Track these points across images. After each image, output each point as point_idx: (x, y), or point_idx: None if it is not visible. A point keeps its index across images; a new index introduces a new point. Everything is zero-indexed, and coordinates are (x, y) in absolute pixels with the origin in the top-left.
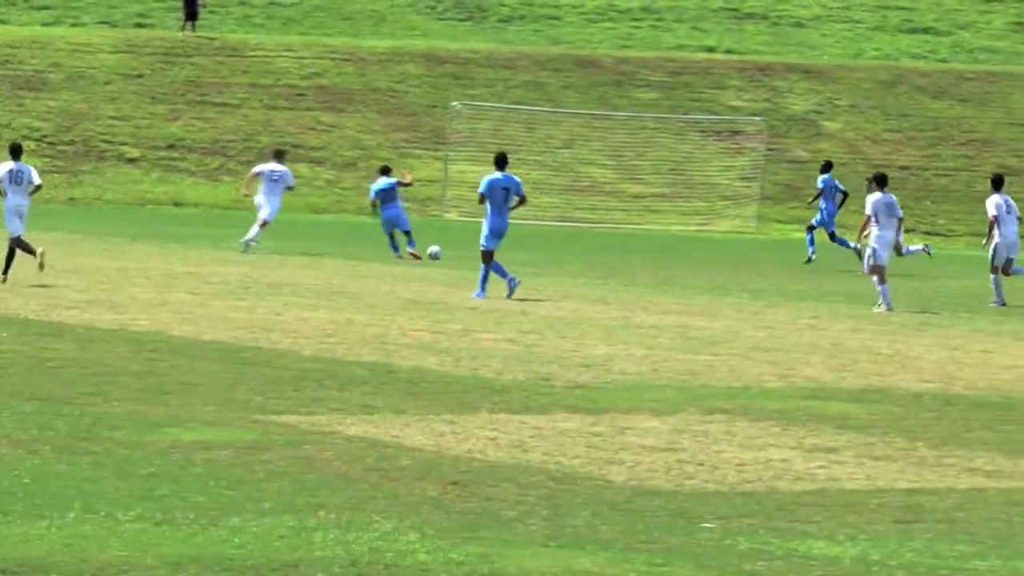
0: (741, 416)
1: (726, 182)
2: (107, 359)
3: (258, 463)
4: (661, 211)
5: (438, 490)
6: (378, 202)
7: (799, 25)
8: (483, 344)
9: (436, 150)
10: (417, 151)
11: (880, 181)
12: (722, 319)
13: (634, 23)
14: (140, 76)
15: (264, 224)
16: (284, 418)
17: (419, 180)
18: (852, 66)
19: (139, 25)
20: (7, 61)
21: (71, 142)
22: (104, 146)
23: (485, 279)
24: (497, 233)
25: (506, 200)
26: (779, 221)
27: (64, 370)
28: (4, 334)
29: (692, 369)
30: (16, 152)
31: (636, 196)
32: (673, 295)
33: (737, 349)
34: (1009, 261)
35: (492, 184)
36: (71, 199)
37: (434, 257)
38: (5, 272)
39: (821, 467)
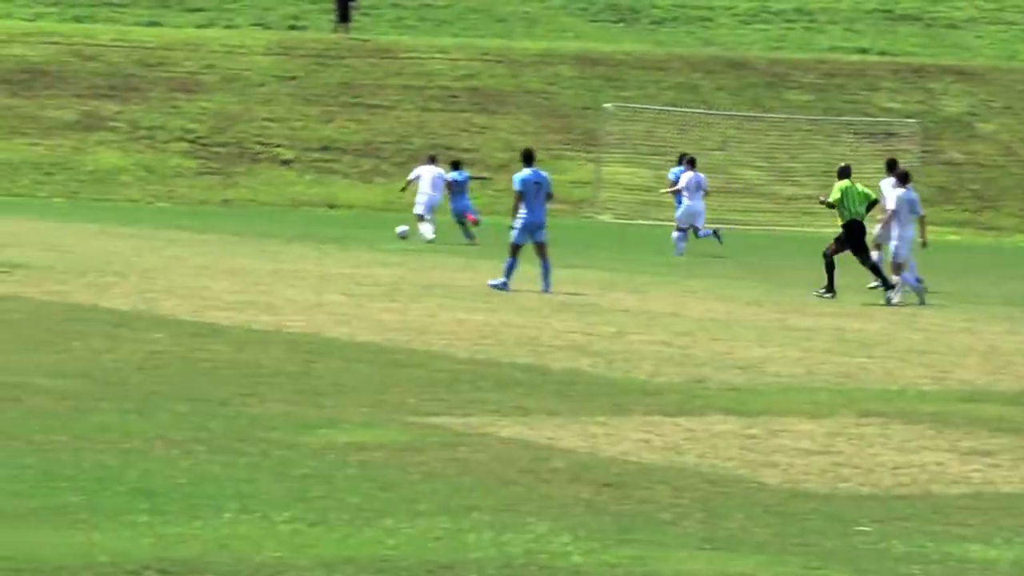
0: (896, 419)
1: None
2: (262, 360)
3: (412, 465)
4: (814, 213)
5: (592, 492)
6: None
7: (953, 27)
8: (636, 346)
9: (588, 152)
10: (569, 153)
11: (902, 177)
12: (877, 322)
13: (787, 25)
14: (294, 78)
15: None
16: (438, 420)
17: (571, 182)
18: (1007, 68)
19: (292, 27)
20: (162, 63)
21: (225, 144)
22: (258, 148)
23: (511, 269)
24: (530, 228)
25: (537, 194)
26: (934, 224)
27: (219, 371)
28: (159, 335)
29: (847, 372)
30: None
31: (790, 198)
32: (827, 297)
33: (892, 352)
34: None
35: (525, 181)
36: (225, 201)
37: (402, 236)
38: None
39: (977, 470)
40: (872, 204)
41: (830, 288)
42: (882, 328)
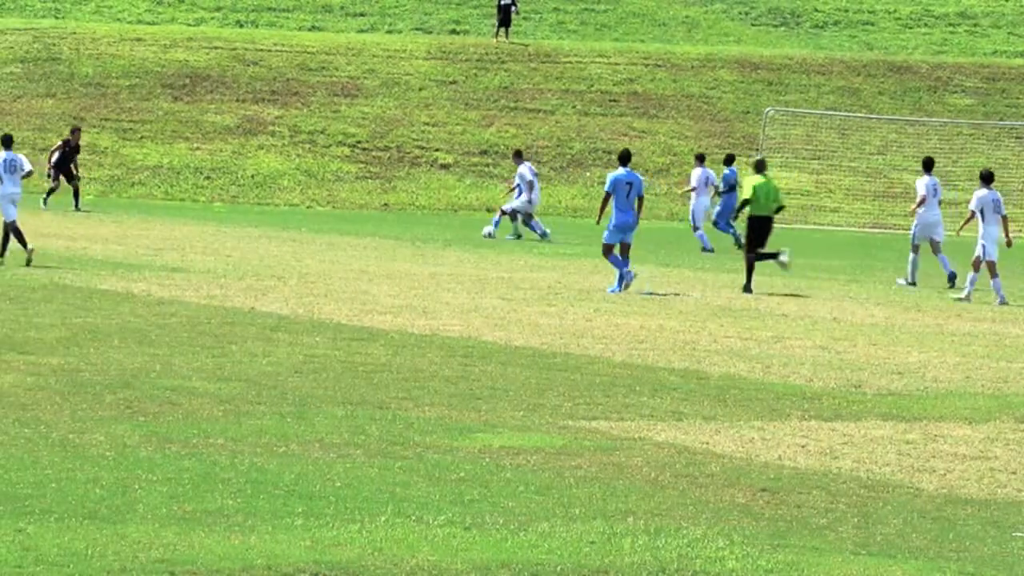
0: None
1: None
2: (419, 364)
3: (567, 469)
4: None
5: (747, 497)
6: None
7: None
8: (794, 351)
9: (749, 156)
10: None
11: (986, 178)
12: None
13: (949, 29)
14: (454, 82)
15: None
16: (593, 424)
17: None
18: None
19: (453, 31)
20: (323, 68)
21: (385, 148)
22: (417, 152)
23: (618, 264)
24: (621, 228)
25: (629, 195)
26: None
27: (376, 375)
28: (318, 339)
29: (1005, 377)
30: (7, 142)
31: (950, 203)
32: (987, 302)
33: None
34: None
35: (616, 180)
36: (384, 204)
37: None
38: (2, 254)
39: None
40: (780, 208)
41: (748, 287)
42: None
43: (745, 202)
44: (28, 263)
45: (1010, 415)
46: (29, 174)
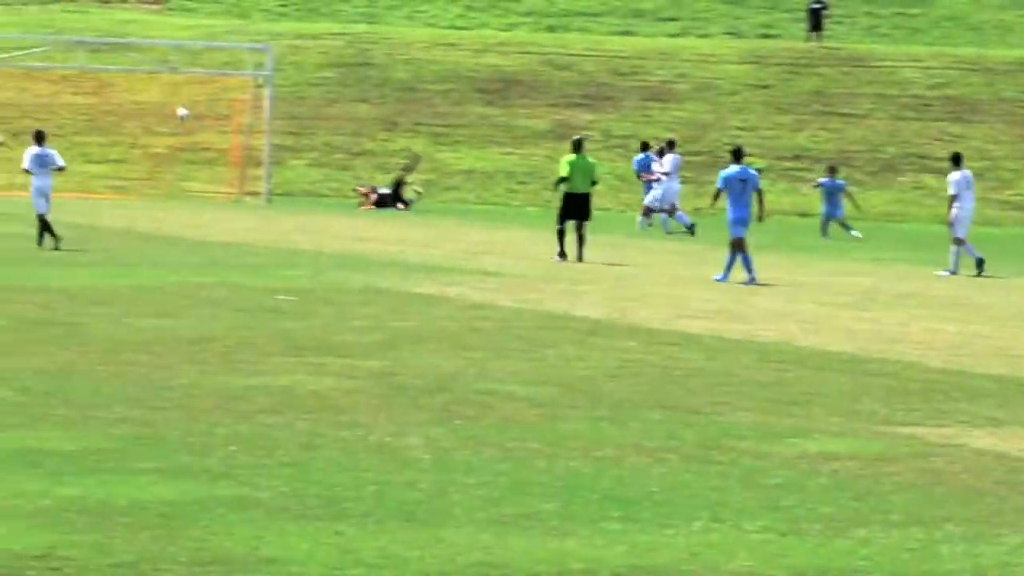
0: None
1: None
2: (733, 369)
3: (884, 475)
4: None
5: None
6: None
7: None
8: None
9: None
10: None
11: (956, 160)
12: None
13: None
14: (766, 87)
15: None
16: (910, 430)
17: None
18: None
19: (764, 36)
20: (635, 72)
21: (697, 152)
22: (729, 157)
23: (731, 265)
24: (740, 222)
25: (743, 191)
26: None
27: (691, 379)
28: (632, 343)
29: None
30: (40, 138)
31: None
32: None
33: None
34: None
35: (728, 178)
36: (697, 209)
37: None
38: (40, 242)
39: None
40: (595, 181)
41: (561, 254)
42: None
43: (561, 179)
44: (56, 248)
45: None
46: (61, 169)
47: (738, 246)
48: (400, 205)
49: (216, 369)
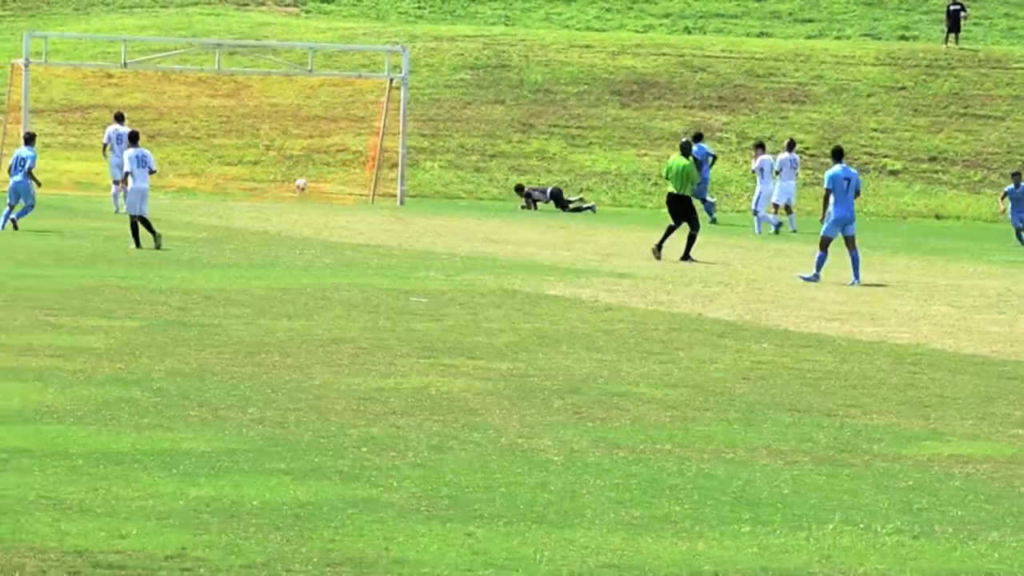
0: None
1: None
2: (867, 371)
3: (1017, 478)
4: None
5: None
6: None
7: None
8: None
9: None
10: None
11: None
12: None
13: None
14: (903, 88)
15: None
16: None
17: None
18: None
19: (902, 37)
20: (771, 74)
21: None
22: (866, 158)
23: (821, 263)
24: (840, 222)
25: (847, 191)
26: None
27: (824, 382)
28: (765, 345)
29: None
30: (134, 138)
31: None
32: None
33: None
34: None
35: (834, 177)
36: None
37: None
38: (137, 244)
39: None
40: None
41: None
42: None
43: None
44: (157, 247)
45: None
46: (153, 172)
47: (826, 245)
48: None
49: (349, 370)
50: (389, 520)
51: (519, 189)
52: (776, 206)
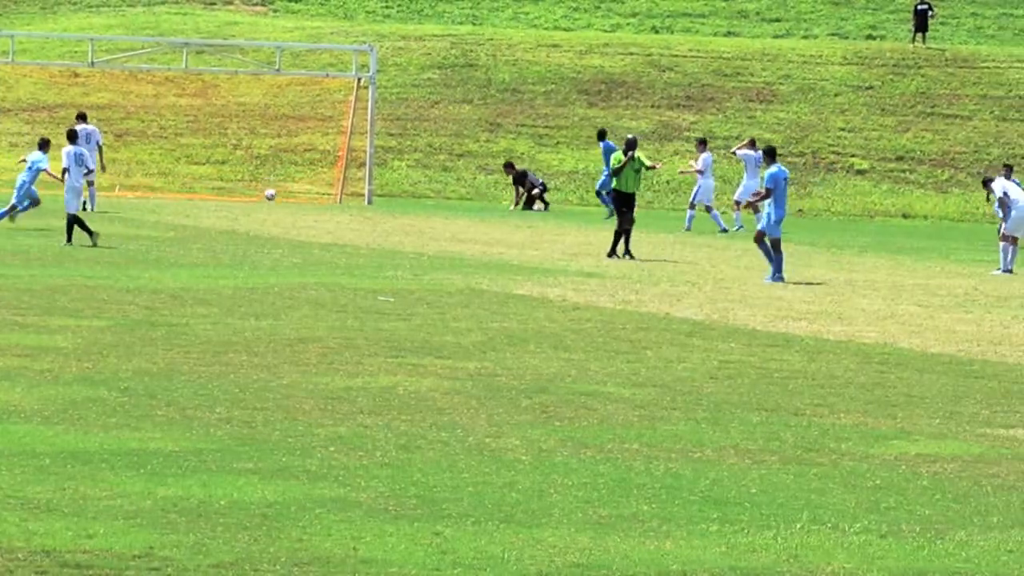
0: None
1: None
2: (834, 370)
3: (985, 477)
4: None
5: None
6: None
7: None
8: None
9: None
10: None
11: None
12: None
13: None
14: (870, 88)
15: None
16: (1012, 432)
17: None
18: None
19: (869, 37)
20: (738, 73)
21: (801, 154)
22: (833, 157)
23: (781, 264)
24: (782, 221)
25: (784, 191)
26: None
27: (791, 381)
28: (732, 344)
29: None
30: (72, 137)
31: None
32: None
33: None
34: None
35: (775, 177)
36: (799, 210)
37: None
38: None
39: None
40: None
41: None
42: None
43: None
44: (94, 244)
45: None
46: (91, 171)
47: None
48: (539, 206)
49: (316, 370)
50: (357, 519)
51: (509, 167)
52: (708, 207)
